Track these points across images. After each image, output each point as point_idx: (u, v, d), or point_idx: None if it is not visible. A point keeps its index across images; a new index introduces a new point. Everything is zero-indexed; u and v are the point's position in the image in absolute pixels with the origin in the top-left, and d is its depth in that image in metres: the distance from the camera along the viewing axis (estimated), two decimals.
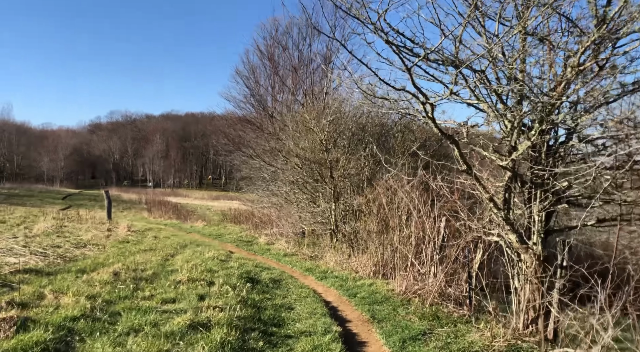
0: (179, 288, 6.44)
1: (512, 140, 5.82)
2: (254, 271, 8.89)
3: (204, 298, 5.95)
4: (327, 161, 11.90)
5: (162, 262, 8.53)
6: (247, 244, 14.60)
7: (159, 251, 10.00)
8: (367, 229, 10.61)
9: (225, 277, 7.49)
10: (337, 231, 12.27)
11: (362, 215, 11.54)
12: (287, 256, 12.16)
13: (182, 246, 11.33)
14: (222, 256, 10.14)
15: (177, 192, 70.10)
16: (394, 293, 7.88)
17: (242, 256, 11.31)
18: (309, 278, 9.34)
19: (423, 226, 8.82)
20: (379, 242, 9.90)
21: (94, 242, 10.44)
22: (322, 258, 11.55)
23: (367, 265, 9.77)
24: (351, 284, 8.63)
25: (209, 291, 6.41)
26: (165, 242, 11.81)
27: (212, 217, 27.62)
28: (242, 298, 6.14)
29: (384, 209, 10.15)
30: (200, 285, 6.69)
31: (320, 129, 11.81)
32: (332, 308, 6.98)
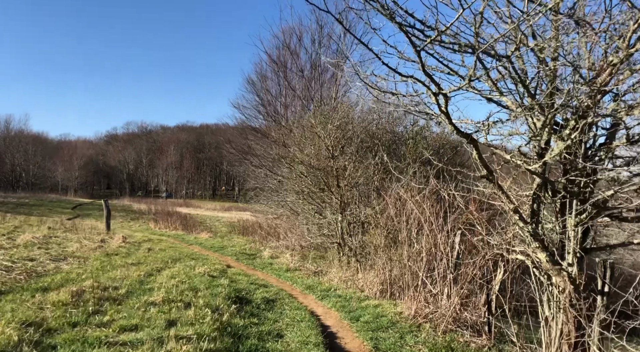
0: (149, 312, 5.60)
1: (541, 141, 4.91)
2: (247, 289, 8.03)
3: (174, 325, 5.10)
4: (334, 169, 11.05)
5: (143, 278, 7.72)
6: (249, 257, 13.76)
7: (146, 265, 9.21)
8: (374, 243, 9.70)
9: (210, 297, 6.63)
10: (343, 244, 11.37)
11: (370, 227, 10.64)
12: (289, 271, 11.27)
13: (174, 259, 10.54)
14: (215, 271, 9.30)
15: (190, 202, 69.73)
16: (402, 317, 6.94)
17: (239, 271, 10.46)
18: (308, 297, 8.44)
19: (435, 240, 7.89)
20: (387, 257, 8.98)
21: (77, 255, 9.70)
22: (327, 274, 10.64)
23: (373, 283, 8.84)
24: (354, 305, 7.71)
25: (183, 315, 5.54)
26: (158, 255, 11.04)
27: (220, 229, 26.90)
28: (221, 324, 5.26)
29: (392, 221, 9.24)
30: (175, 307, 5.83)
31: (326, 134, 10.99)
32: (329, 335, 6.07)
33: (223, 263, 11.44)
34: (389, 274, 8.65)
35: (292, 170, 12.40)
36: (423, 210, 8.26)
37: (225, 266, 11.06)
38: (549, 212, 5.27)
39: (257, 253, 14.80)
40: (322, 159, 11.36)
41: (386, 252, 9.11)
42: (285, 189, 13.65)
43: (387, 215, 9.76)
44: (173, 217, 31.15)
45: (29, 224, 16.31)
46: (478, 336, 6.34)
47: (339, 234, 11.28)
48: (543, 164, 4.72)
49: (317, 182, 11.93)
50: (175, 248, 13.61)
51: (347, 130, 11.36)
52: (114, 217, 33.47)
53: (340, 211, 11.23)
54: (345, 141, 11.37)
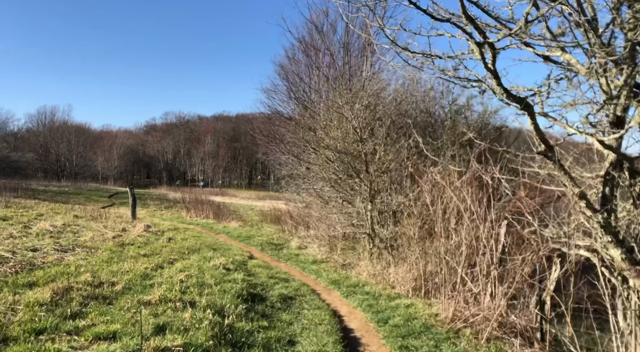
0: (139, 314, 4.87)
1: (617, 107, 3.85)
2: (264, 285, 7.29)
3: (162, 331, 4.39)
4: (362, 153, 10.12)
5: (150, 272, 7.10)
6: (276, 247, 13.07)
7: (160, 256, 8.63)
8: (407, 235, 8.76)
9: (217, 295, 5.91)
10: (374, 235, 10.47)
11: (403, 217, 9.69)
12: (315, 264, 10.49)
13: (193, 250, 9.93)
14: (233, 263, 8.61)
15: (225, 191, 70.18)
16: (437, 320, 6.02)
17: (260, 262, 9.76)
18: (333, 294, 7.63)
19: (477, 232, 6.88)
20: (421, 251, 8.04)
21: (89, 245, 9.23)
22: (355, 267, 9.80)
23: (405, 279, 7.93)
24: (384, 304, 6.83)
25: (177, 318, 4.83)
26: (177, 245, 10.47)
27: (252, 218, 26.44)
28: (221, 330, 4.52)
29: (427, 210, 8.27)
30: (171, 308, 5.14)
31: (354, 114, 10.05)
32: (351, 342, 5.24)
33: (245, 254, 10.77)
34: (423, 269, 7.71)
35: (318, 155, 11.55)
36: (463, 197, 7.25)
37: (247, 257, 10.39)
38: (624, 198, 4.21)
39: (285, 243, 14.12)
40: (350, 143, 10.44)
41: (420, 245, 8.17)
42: (312, 176, 12.83)
43: (421, 203, 8.80)
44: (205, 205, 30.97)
45: (56, 212, 16.20)
46: (529, 345, 5.36)
47: (369, 224, 10.38)
48: (620, 136, 3.68)
49: (344, 168, 11.03)
50: (198, 237, 13.07)
51: (376, 110, 10.38)
52: (148, 206, 33.68)
53: (369, 199, 10.32)
54: (375, 122, 10.40)
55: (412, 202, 8.97)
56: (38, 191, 36.29)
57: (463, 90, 11.01)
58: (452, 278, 7.02)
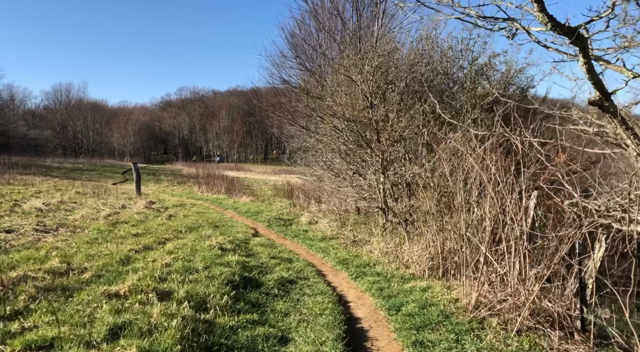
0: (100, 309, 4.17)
1: None
2: (264, 267, 6.58)
3: (117, 334, 3.63)
4: (372, 121, 9.20)
5: (133, 254, 6.41)
6: (284, 223, 12.38)
7: (152, 235, 7.97)
8: (423, 209, 7.92)
9: (204, 281, 5.19)
10: (386, 209, 9.65)
11: (418, 190, 8.83)
12: (324, 241, 9.76)
13: (192, 228, 9.26)
14: (232, 242, 7.91)
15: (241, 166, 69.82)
16: (458, 307, 5.23)
17: (264, 240, 9.05)
18: (340, 275, 6.89)
19: (503, 204, 6.00)
20: (439, 227, 7.20)
21: (76, 224, 8.62)
22: (366, 244, 9.04)
23: (421, 258, 7.14)
24: (396, 288, 6.07)
25: (145, 314, 4.10)
26: (176, 222, 9.81)
27: (265, 192, 25.80)
28: (194, 330, 3.77)
29: (446, 181, 7.39)
30: (141, 301, 4.41)
31: (362, 78, 9.09)
32: (357, 336, 4.49)
33: (250, 231, 10.08)
34: (441, 246, 6.89)
35: (325, 125, 10.65)
36: (487, 166, 6.34)
37: (250, 234, 9.70)
38: None
39: (295, 218, 13.43)
40: (359, 110, 9.52)
41: (438, 220, 7.33)
42: (321, 148, 11.98)
43: (439, 174, 7.90)
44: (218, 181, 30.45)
45: (58, 189, 15.73)
46: (569, 335, 4.54)
47: (381, 197, 9.55)
48: None
49: (354, 138, 10.14)
50: (203, 214, 12.43)
51: (388, 72, 9.39)
52: (161, 181, 33.37)
53: (381, 170, 9.45)
54: (387, 86, 9.42)
55: (428, 173, 8.09)
56: (52, 167, 36.26)
57: (484, 48, 9.92)
58: (474, 257, 6.20)
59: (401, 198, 9.49)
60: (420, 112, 9.19)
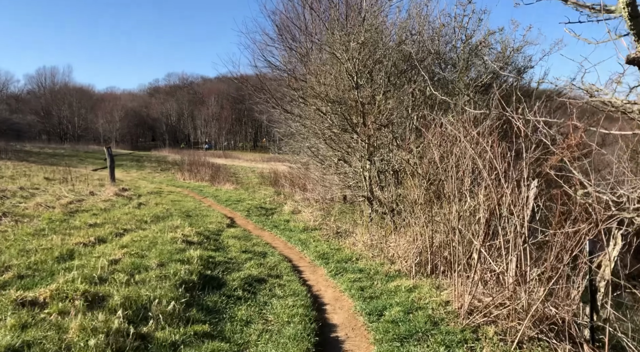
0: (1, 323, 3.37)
1: None
2: (232, 263, 5.87)
3: None
4: (358, 102, 8.46)
5: (79, 248, 5.65)
6: (265, 213, 11.66)
7: (112, 226, 7.22)
8: (411, 198, 7.24)
9: (153, 283, 4.45)
10: (372, 198, 8.97)
11: (406, 177, 8.16)
12: (305, 232, 9.08)
13: (160, 217, 8.51)
14: (201, 234, 7.19)
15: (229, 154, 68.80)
16: (448, 312, 4.58)
17: (239, 232, 8.33)
18: (318, 272, 6.21)
19: (500, 194, 5.33)
20: (427, 218, 6.53)
21: (27, 213, 7.83)
22: (350, 236, 8.36)
23: (408, 252, 6.47)
24: (379, 287, 5.40)
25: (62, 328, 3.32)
26: (144, 211, 9.04)
27: (250, 180, 25.06)
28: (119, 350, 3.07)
29: (435, 168, 6.70)
30: (62, 310, 3.60)
31: (348, 55, 8.32)
32: (330, 348, 3.81)
33: (225, 221, 9.35)
34: (429, 240, 6.22)
35: (308, 107, 9.88)
36: (483, 150, 5.66)
37: (225, 225, 8.98)
38: None
39: (278, 207, 12.73)
40: (344, 90, 8.76)
41: (426, 211, 6.65)
42: (304, 132, 11.22)
43: (428, 160, 7.22)
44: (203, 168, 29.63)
45: (26, 174, 14.84)
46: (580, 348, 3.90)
47: (367, 185, 8.86)
48: None
49: (339, 122, 9.40)
50: (178, 202, 11.67)
51: (375, 50, 8.62)
52: (144, 168, 32.47)
53: (367, 156, 8.74)
54: (374, 65, 8.67)
55: (416, 159, 7.40)
56: (31, 152, 35.14)
57: (479, 26, 9.20)
58: (466, 252, 5.54)
59: (388, 186, 8.81)
60: (409, 93, 8.47)
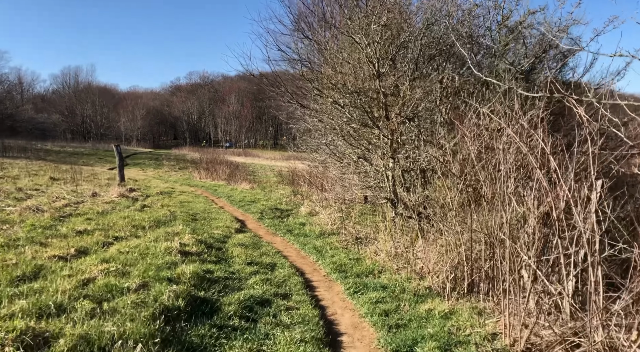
0: None
1: None
2: (233, 278, 5.00)
3: None
4: (380, 93, 7.50)
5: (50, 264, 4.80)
6: (280, 215, 10.82)
7: (103, 233, 6.45)
8: (442, 202, 6.27)
9: (126, 312, 3.58)
10: (396, 201, 8.01)
11: (435, 178, 7.18)
12: (321, 237, 8.20)
13: (162, 222, 7.73)
14: (204, 242, 6.37)
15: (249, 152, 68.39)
16: (498, 350, 3.61)
17: (248, 238, 7.49)
18: (334, 288, 5.30)
19: (556, 197, 4.33)
20: (463, 224, 5.55)
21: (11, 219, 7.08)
22: (372, 243, 7.44)
23: (440, 265, 5.51)
24: (408, 312, 4.46)
25: None
26: (146, 215, 8.26)
27: (268, 179, 24.30)
28: None
29: (472, 167, 5.71)
30: None
31: (369, 39, 7.37)
32: None
33: (234, 226, 8.52)
34: (466, 252, 5.25)
35: (324, 100, 8.95)
36: (534, 146, 4.66)
37: (234, 230, 8.14)
38: None
39: (294, 209, 11.88)
40: (363, 79, 7.81)
41: (461, 217, 5.68)
42: (320, 128, 10.30)
43: (462, 157, 6.24)
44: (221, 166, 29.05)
45: (33, 174, 14.32)
46: None
47: (390, 186, 7.90)
48: None
49: (359, 116, 8.46)
50: (187, 204, 10.90)
51: (399, 34, 7.64)
52: (161, 167, 32.02)
53: (390, 154, 7.79)
54: (397, 50, 7.70)
55: (449, 156, 6.41)
56: (52, 151, 35.14)
57: (517, 4, 8.14)
58: (513, 270, 4.57)
59: (414, 187, 7.84)
60: (438, 82, 7.48)
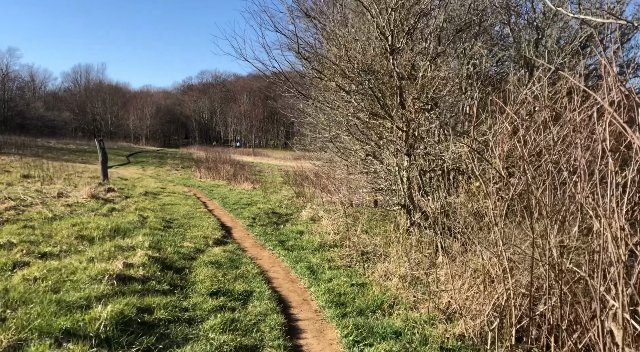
0: None
1: None
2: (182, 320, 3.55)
3: None
4: (394, 72, 5.98)
5: None
6: (277, 220, 9.39)
7: (26, 247, 5.06)
8: (472, 209, 4.75)
9: None
10: (412, 208, 6.49)
11: (463, 179, 5.64)
12: (319, 251, 6.73)
13: (123, 230, 6.31)
14: (159, 261, 4.95)
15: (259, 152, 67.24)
16: None
17: (224, 254, 6.02)
18: (328, 334, 3.82)
19: None
20: (509, 245, 4.02)
21: None
22: (381, 260, 5.93)
23: (475, 302, 3.99)
24: None
25: None
26: (107, 221, 6.84)
27: (275, 179, 22.89)
28: None
29: (521, 166, 4.17)
30: None
31: (381, 5, 5.86)
32: None
33: (215, 235, 7.07)
34: (514, 288, 3.70)
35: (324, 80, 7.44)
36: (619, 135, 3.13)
37: (213, 240, 6.70)
38: None
39: (294, 213, 10.46)
40: (374, 56, 6.29)
41: (504, 233, 4.14)
42: (322, 120, 8.82)
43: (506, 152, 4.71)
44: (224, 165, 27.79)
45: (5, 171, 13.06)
46: None
47: (405, 189, 6.38)
48: None
49: (367, 104, 6.95)
50: (170, 207, 9.51)
51: None
52: (163, 165, 30.82)
53: (405, 150, 6.26)
54: (417, 19, 6.16)
55: (484, 152, 4.89)
56: (53, 148, 34.29)
57: None
58: (586, 309, 3.06)
59: (435, 191, 6.31)
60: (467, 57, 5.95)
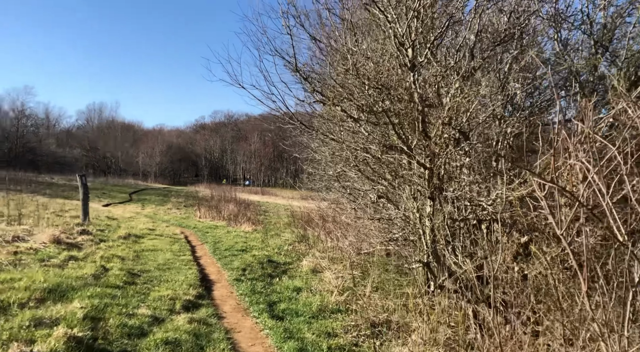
0: None
1: None
2: None
3: None
4: (414, 94, 4.72)
5: None
6: (272, 272, 7.99)
7: None
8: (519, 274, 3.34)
9: None
10: (438, 267, 5.06)
11: (505, 234, 4.24)
12: (320, 317, 5.30)
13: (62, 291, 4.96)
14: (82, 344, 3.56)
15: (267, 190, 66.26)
16: None
17: (187, 329, 4.61)
18: None
19: None
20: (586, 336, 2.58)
21: None
22: (397, 335, 4.47)
23: None
24: None
25: None
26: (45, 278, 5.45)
27: (279, 220, 21.53)
28: None
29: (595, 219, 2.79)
30: None
31: (399, 9, 4.67)
32: None
33: (187, 295, 5.66)
34: None
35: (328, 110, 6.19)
36: None
37: (183, 303, 5.29)
38: None
39: (293, 262, 9.07)
40: (389, 75, 5.05)
41: (573, 315, 2.71)
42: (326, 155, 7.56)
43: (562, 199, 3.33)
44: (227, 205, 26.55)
45: None
46: None
47: (427, 242, 4.97)
48: None
49: (381, 134, 5.66)
50: (148, 254, 8.17)
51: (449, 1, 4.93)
52: (166, 203, 29.68)
53: (428, 192, 4.90)
54: (445, 28, 4.95)
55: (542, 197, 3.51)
56: (55, 185, 33.52)
57: None
58: None
59: (467, 246, 4.89)
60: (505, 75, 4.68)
